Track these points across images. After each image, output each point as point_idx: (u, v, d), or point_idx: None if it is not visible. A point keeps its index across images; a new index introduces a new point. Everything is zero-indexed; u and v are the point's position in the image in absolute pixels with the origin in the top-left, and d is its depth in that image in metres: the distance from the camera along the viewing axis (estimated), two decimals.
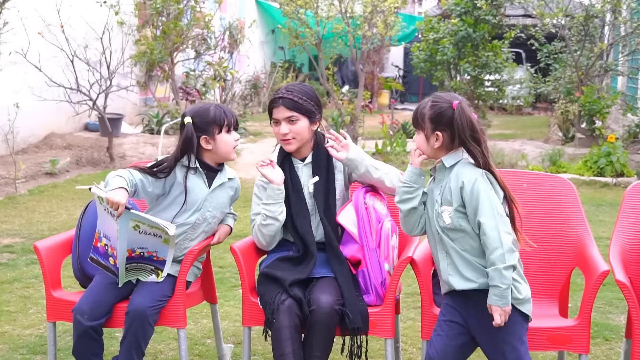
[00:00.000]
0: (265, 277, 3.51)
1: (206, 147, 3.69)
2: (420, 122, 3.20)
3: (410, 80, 24.68)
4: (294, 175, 3.68)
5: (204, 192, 3.71)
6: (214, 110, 3.68)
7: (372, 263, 3.47)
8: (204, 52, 13.59)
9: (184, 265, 3.62)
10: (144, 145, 11.82)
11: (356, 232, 3.51)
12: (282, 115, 3.60)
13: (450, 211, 3.12)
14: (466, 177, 3.09)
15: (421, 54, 12.97)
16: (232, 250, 3.60)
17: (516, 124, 17.38)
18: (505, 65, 12.59)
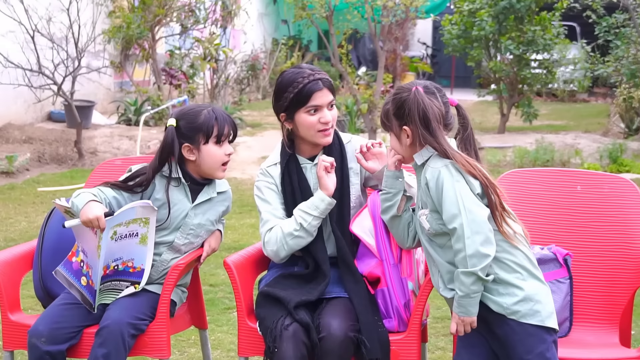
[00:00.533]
0: (266, 297, 3.53)
1: (188, 157, 3.71)
2: (386, 121, 3.31)
3: (441, 61, 24.70)
4: (302, 178, 3.68)
5: (185, 207, 3.73)
6: (206, 115, 3.68)
7: (394, 281, 3.48)
8: (192, 26, 13.64)
9: (167, 281, 3.63)
10: (120, 138, 11.87)
11: (373, 244, 3.52)
12: (326, 99, 3.60)
13: (427, 214, 3.21)
14: (429, 172, 3.18)
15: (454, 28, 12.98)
16: (226, 265, 3.61)
17: (569, 113, 17.36)
18: (555, 42, 12.57)
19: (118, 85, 14.69)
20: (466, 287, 3.07)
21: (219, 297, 5.73)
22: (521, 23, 12.41)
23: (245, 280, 3.66)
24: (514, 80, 12.78)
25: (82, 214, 3.42)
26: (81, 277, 3.59)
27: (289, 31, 22.40)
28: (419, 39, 24.53)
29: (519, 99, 12.93)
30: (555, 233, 3.76)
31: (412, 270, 3.53)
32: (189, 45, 14.58)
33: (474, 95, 15.35)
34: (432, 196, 3.17)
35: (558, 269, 3.62)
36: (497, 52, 12.95)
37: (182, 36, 14.14)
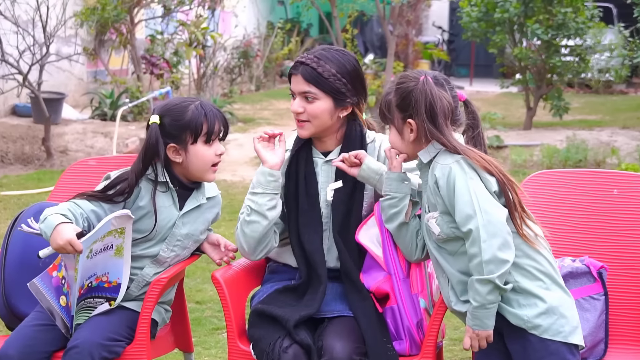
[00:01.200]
0: (260, 316, 3.53)
1: (175, 159, 3.70)
2: (387, 114, 3.34)
3: (459, 47, 24.72)
4: (310, 172, 3.70)
5: (172, 215, 3.73)
6: (193, 111, 3.68)
7: (404, 298, 3.49)
8: (176, 8, 13.64)
9: (148, 298, 3.64)
10: (94, 135, 11.88)
11: (381, 255, 3.53)
12: (298, 87, 3.64)
13: (437, 217, 3.23)
14: (438, 169, 3.20)
15: (473, 10, 12.97)
16: (215, 280, 3.62)
17: (604, 106, 17.37)
18: (589, 25, 12.57)
19: (92, 75, 14.70)
20: (482, 296, 3.08)
21: (207, 316, 5.73)
22: (550, 4, 12.41)
23: (236, 296, 3.66)
24: (542, 70, 12.77)
25: (52, 242, 3.38)
26: (60, 296, 3.58)
27: (286, 13, 22.43)
28: (433, 23, 24.55)
29: (548, 90, 12.92)
30: (589, 243, 3.77)
31: (423, 285, 3.54)
32: (173, 30, 14.57)
33: (497, 87, 15.35)
34: (443, 196, 3.18)
35: (592, 283, 3.61)
36: (522, 37, 12.93)
37: (164, 19, 14.14)
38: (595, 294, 3.61)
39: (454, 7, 21.37)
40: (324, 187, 3.68)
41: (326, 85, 3.61)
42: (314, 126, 3.65)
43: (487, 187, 3.16)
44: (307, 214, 3.66)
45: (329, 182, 3.68)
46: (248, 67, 18.81)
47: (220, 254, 3.84)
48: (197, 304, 5.92)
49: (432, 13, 24.66)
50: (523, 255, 3.16)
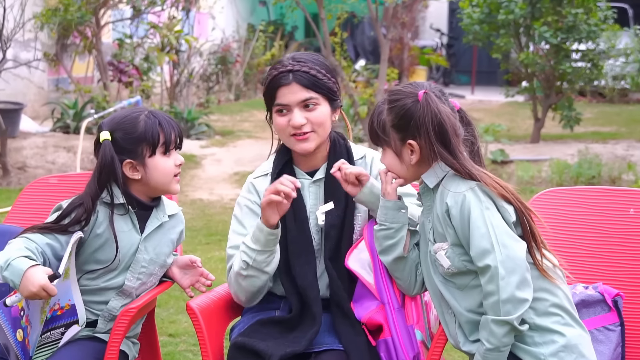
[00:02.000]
0: (240, 350, 3.52)
1: (133, 176, 3.70)
2: (381, 135, 3.33)
3: (459, 52, 24.81)
4: (297, 196, 3.67)
5: (133, 240, 3.73)
6: (146, 121, 3.67)
7: (399, 329, 3.49)
8: (146, 8, 13.66)
9: (116, 329, 3.62)
10: (55, 150, 11.87)
11: (373, 283, 3.53)
12: (296, 97, 3.62)
13: (447, 249, 3.22)
14: (450, 197, 3.19)
15: (475, 11, 13.03)
16: (190, 310, 3.61)
17: (619, 117, 17.43)
18: (602, 28, 12.63)
19: (53, 83, 14.70)
20: (497, 338, 3.07)
21: (181, 350, 5.73)
22: (560, 5, 12.47)
23: (213, 328, 3.66)
24: (551, 76, 12.82)
25: (22, 289, 3.33)
26: (17, 330, 3.57)
27: (269, 15, 22.49)
28: (431, 25, 24.65)
29: (557, 99, 12.97)
30: (603, 268, 3.77)
31: (420, 315, 3.55)
32: (143, 33, 14.60)
33: (501, 95, 15.40)
34: (455, 227, 3.18)
35: (606, 312, 3.62)
36: (529, 40, 12.99)
37: (134, 21, 14.15)
38: (611, 324, 3.61)
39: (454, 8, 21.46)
40: (313, 210, 3.68)
41: (323, 87, 3.64)
42: (319, 136, 3.66)
43: (504, 217, 3.16)
44: (297, 242, 3.65)
45: (318, 204, 3.68)
46: (226, 74, 18.83)
47: (190, 279, 3.83)
48: (170, 336, 5.91)
49: (429, 14, 24.76)
50: (540, 289, 3.16)
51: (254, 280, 3.60)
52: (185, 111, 14.22)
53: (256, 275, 3.59)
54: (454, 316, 3.27)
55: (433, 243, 3.26)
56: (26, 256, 3.40)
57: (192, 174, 11.21)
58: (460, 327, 3.25)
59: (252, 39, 19.87)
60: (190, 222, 8.85)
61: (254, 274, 3.59)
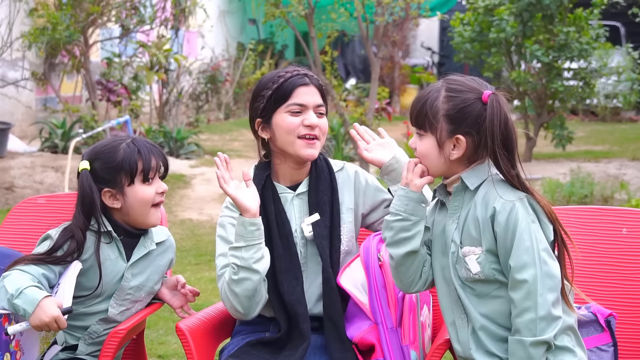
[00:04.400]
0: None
1: (112, 205, 3.72)
2: (430, 119, 3.25)
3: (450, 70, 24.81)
4: (280, 209, 3.70)
5: (119, 268, 3.73)
6: (125, 150, 3.70)
7: (392, 350, 3.49)
8: (135, 27, 13.68)
9: (105, 351, 3.62)
10: (43, 170, 11.85)
11: (367, 302, 3.53)
12: (313, 99, 3.66)
13: (479, 254, 3.19)
14: (500, 203, 3.15)
15: (466, 29, 13.08)
16: (179, 331, 3.61)
17: (612, 136, 17.46)
18: (594, 46, 12.68)
19: (41, 103, 14.69)
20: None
21: None
22: (551, 23, 12.51)
23: (203, 350, 3.65)
24: (543, 95, 12.86)
25: (34, 318, 3.36)
26: (5, 354, 3.57)
27: (259, 34, 22.52)
28: (422, 43, 24.70)
29: (549, 118, 13.01)
30: (596, 288, 3.78)
31: (415, 336, 3.54)
32: (132, 52, 14.60)
33: None
34: (498, 233, 3.15)
35: (599, 333, 3.61)
36: (520, 59, 13.03)
37: (122, 40, 14.17)
38: (603, 344, 3.61)
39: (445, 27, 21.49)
40: (299, 223, 3.69)
41: (325, 98, 3.71)
42: (321, 145, 3.70)
43: (545, 234, 3.16)
44: (283, 259, 3.65)
45: (303, 217, 3.69)
46: (216, 93, 18.83)
47: (180, 301, 3.84)
48: (160, 358, 5.90)
49: (420, 33, 24.80)
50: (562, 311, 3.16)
51: (247, 282, 3.53)
52: (174, 130, 14.22)
53: (248, 277, 3.52)
54: (467, 322, 3.25)
55: (459, 245, 3.23)
56: (37, 286, 3.43)
57: (182, 193, 11.21)
58: (474, 332, 3.23)
59: (241, 57, 19.88)
60: (179, 242, 8.84)
61: (246, 275, 3.52)
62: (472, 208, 3.21)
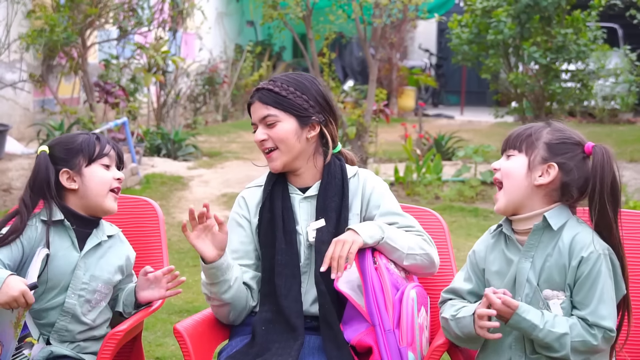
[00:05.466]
0: None
1: (69, 185, 3.75)
2: (529, 141, 3.31)
3: (448, 72, 24.88)
4: (287, 206, 3.73)
5: (72, 258, 3.73)
6: (84, 136, 3.79)
7: (389, 351, 3.49)
8: (133, 29, 13.68)
9: (102, 354, 3.62)
10: None
11: (363, 305, 3.53)
12: (256, 115, 3.72)
13: (564, 299, 3.25)
14: (587, 252, 3.21)
15: (464, 31, 13.08)
16: (177, 333, 3.61)
17: (609, 137, 17.46)
18: (591, 48, 12.69)
19: (39, 104, 14.68)
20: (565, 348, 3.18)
21: None
22: (548, 25, 12.52)
23: (201, 351, 3.65)
24: (540, 97, 12.87)
25: (1, 295, 3.39)
26: None
27: (256, 35, 22.53)
28: (420, 45, 24.72)
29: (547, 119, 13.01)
30: None
31: (413, 337, 3.54)
32: (129, 54, 14.61)
33: (490, 116, 15.46)
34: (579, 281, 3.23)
35: None
36: (518, 61, 13.04)
37: (120, 42, 14.17)
38: None
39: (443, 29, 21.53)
40: (304, 226, 3.72)
41: (285, 104, 3.69)
42: (283, 154, 3.70)
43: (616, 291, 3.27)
44: (284, 252, 3.68)
45: (309, 220, 3.71)
46: (214, 95, 18.84)
47: (160, 291, 3.82)
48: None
49: (418, 35, 24.82)
50: None
51: (222, 309, 3.70)
52: (172, 132, 14.22)
53: (221, 305, 3.67)
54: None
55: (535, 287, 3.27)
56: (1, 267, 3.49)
57: (179, 195, 11.20)
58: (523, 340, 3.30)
59: (239, 59, 19.89)
60: (177, 244, 8.84)
61: (217, 304, 3.68)
62: (557, 253, 3.26)
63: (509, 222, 3.38)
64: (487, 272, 3.41)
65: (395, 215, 3.73)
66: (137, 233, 4.10)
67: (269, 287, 3.68)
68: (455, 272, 3.91)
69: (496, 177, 3.35)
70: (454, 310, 3.37)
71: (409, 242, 3.65)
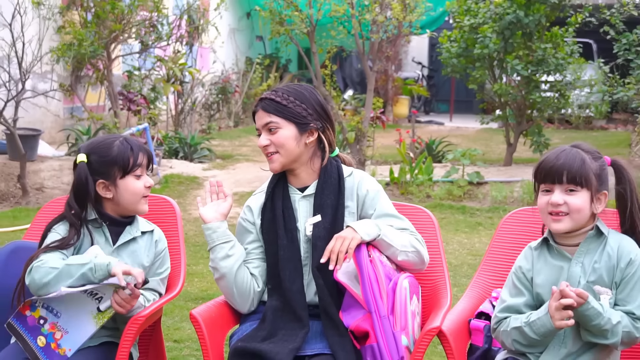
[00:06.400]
0: (241, 355, 3.53)
1: (105, 195, 3.77)
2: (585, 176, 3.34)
3: (439, 83, 24.85)
4: (288, 206, 3.74)
5: (106, 251, 3.74)
6: (119, 146, 3.76)
7: (385, 335, 3.49)
8: (153, 43, 13.68)
9: (126, 335, 3.63)
10: (70, 172, 11.77)
11: (360, 294, 3.53)
12: (260, 122, 3.75)
13: (611, 296, 3.32)
14: (634, 254, 3.33)
15: (453, 46, 13.07)
16: (193, 318, 3.62)
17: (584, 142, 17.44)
18: (569, 61, 12.68)
19: (68, 111, 14.69)
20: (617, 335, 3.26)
21: (185, 355, 5.72)
22: (530, 40, 12.51)
23: (214, 335, 3.66)
24: (522, 105, 12.85)
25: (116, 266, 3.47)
26: (38, 337, 3.58)
27: (265, 49, 22.50)
28: (413, 58, 24.68)
29: (528, 126, 12.99)
30: None
31: (406, 323, 3.54)
32: (150, 66, 14.61)
33: (476, 122, 15.41)
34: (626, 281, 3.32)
35: None
36: (502, 73, 13.02)
37: (142, 55, 14.16)
38: None
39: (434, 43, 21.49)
40: (303, 222, 3.73)
41: (286, 112, 3.70)
42: (282, 157, 3.72)
43: None
44: (287, 248, 3.69)
45: (308, 216, 3.72)
46: (226, 103, 18.82)
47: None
48: (175, 342, 5.90)
49: (411, 49, 24.78)
50: None
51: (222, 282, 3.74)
52: (188, 137, 14.22)
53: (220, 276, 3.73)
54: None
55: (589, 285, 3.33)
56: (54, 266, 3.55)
57: (195, 194, 11.20)
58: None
59: (249, 71, 19.87)
60: (193, 238, 8.84)
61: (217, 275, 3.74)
62: (606, 256, 3.34)
63: (551, 234, 3.44)
64: (534, 281, 3.42)
65: (391, 217, 3.74)
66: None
67: (275, 280, 3.69)
68: (444, 263, 3.92)
69: (562, 210, 3.33)
70: (525, 318, 3.35)
71: (403, 240, 3.66)
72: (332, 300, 3.61)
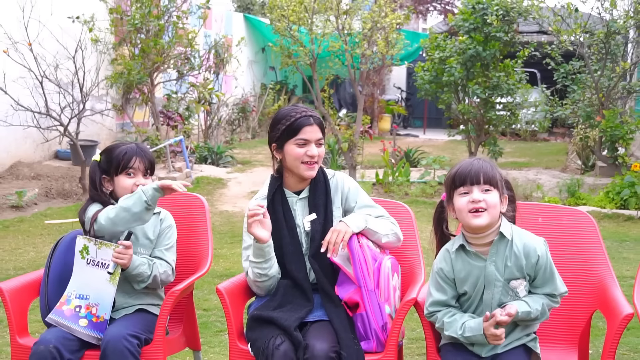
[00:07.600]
0: (257, 320, 3.52)
1: (107, 187, 3.79)
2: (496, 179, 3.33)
3: (414, 104, 24.81)
4: (287, 209, 3.70)
5: None
6: (119, 151, 3.77)
7: (372, 305, 3.48)
8: (187, 72, 13.67)
9: (164, 306, 3.62)
10: None
11: (352, 272, 3.51)
12: (315, 135, 3.64)
13: (525, 283, 3.29)
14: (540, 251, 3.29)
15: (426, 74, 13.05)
16: (218, 292, 3.61)
17: (530, 151, 17.45)
18: (518, 86, 12.65)
19: (119, 127, 14.68)
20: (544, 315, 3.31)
21: (212, 321, 5.70)
22: (487, 69, 12.49)
23: (235, 305, 3.65)
24: (481, 121, 12.83)
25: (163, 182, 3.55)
26: (79, 320, 3.56)
27: (276, 77, 22.48)
28: (394, 84, 24.67)
29: (486, 138, 12.97)
30: None
31: (389, 295, 3.53)
32: (185, 90, 14.61)
33: (445, 135, 15.36)
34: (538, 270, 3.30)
35: None
36: (465, 95, 13.00)
37: (178, 81, 14.17)
38: None
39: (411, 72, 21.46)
40: (301, 219, 3.69)
41: (324, 131, 3.69)
42: (318, 165, 3.68)
43: None
44: (290, 243, 3.66)
45: (304, 215, 3.70)
46: (245, 119, 18.81)
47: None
48: (204, 310, 5.89)
49: (393, 76, 24.79)
50: None
51: (266, 282, 3.63)
52: (215, 146, 14.22)
53: (266, 280, 3.62)
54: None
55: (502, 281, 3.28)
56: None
57: (220, 192, 11.19)
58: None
59: (264, 94, 19.86)
60: (219, 227, 8.83)
61: (263, 279, 3.61)
62: (514, 257, 3.28)
63: (465, 239, 3.35)
64: (457, 279, 3.37)
65: (369, 207, 3.73)
66: (189, 219, 4.09)
67: (283, 270, 3.66)
68: (419, 248, 3.90)
69: (482, 206, 3.26)
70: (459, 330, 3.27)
71: (384, 227, 3.65)
72: (327, 279, 3.60)
